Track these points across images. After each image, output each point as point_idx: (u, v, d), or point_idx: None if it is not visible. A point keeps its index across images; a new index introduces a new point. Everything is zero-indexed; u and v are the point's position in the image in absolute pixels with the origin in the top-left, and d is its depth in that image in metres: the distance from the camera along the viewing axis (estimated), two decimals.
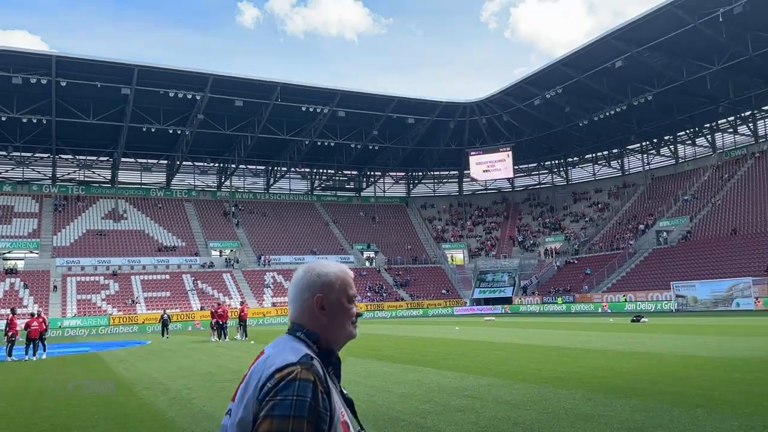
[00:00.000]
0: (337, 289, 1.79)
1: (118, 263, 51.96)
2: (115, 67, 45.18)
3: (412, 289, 58.84)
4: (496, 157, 64.82)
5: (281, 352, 1.67)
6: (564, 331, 23.32)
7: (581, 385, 9.68)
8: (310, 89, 51.68)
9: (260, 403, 1.56)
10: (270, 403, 1.54)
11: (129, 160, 61.95)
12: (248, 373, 1.68)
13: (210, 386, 11.42)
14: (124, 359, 18.85)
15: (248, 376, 1.67)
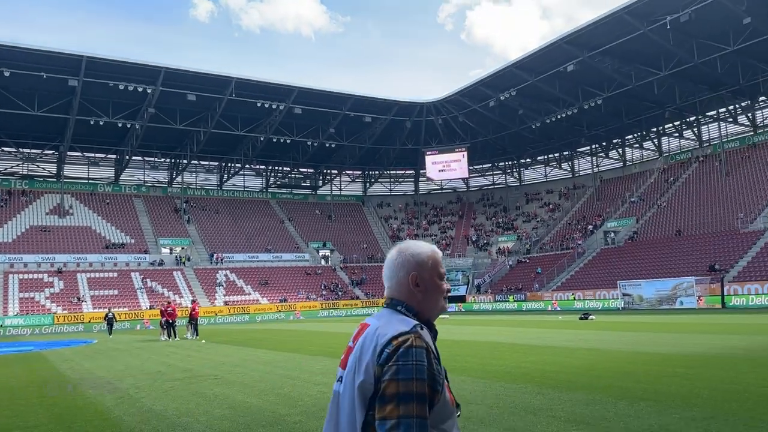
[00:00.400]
0: (429, 267, 1.99)
1: (63, 260, 50.18)
2: (63, 58, 43.60)
3: (367, 287, 58.90)
4: (451, 157, 65.51)
5: (390, 323, 1.85)
6: (515, 329, 23.78)
7: (530, 379, 9.90)
8: (266, 85, 51.03)
9: (381, 367, 1.73)
10: (393, 367, 1.71)
11: (76, 154, 59.93)
12: (357, 344, 1.86)
13: (159, 385, 11.18)
14: (69, 358, 18.25)
15: (359, 346, 1.84)
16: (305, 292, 55.21)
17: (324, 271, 60.45)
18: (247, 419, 7.60)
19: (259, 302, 52.24)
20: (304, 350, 17.41)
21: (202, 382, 11.39)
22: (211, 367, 14.04)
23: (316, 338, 22.72)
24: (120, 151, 60.34)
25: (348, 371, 1.84)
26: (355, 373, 1.80)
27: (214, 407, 8.55)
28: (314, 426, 7.04)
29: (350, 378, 1.82)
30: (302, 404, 8.49)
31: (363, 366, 1.78)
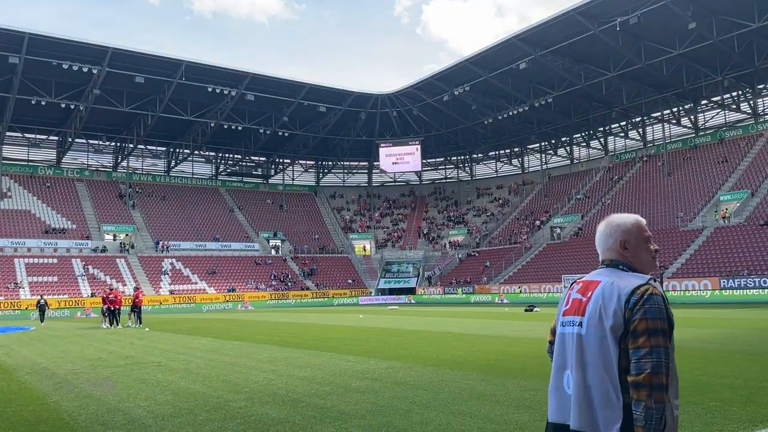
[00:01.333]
0: (634, 233, 2.41)
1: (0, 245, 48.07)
2: (3, 34, 41.55)
3: (318, 278, 58.69)
4: (405, 150, 65.82)
5: (624, 278, 2.30)
6: (462, 320, 24.17)
7: (476, 367, 10.09)
8: (217, 69, 49.96)
9: (631, 311, 2.19)
10: (641, 309, 2.18)
11: (15, 134, 57.35)
12: (595, 295, 2.30)
13: (99, 371, 10.86)
14: (4, 345, 17.52)
15: (599, 296, 2.28)
16: (254, 282, 54.57)
17: (274, 261, 59.87)
18: (191, 404, 7.48)
19: (206, 292, 51.36)
20: (250, 339, 17.24)
21: (145, 368, 11.14)
22: (154, 354, 13.74)
23: (264, 328, 22.53)
24: (62, 133, 58.09)
25: (591, 317, 2.27)
26: (601, 318, 2.24)
27: (157, 393, 8.38)
28: (260, 411, 6.99)
29: (595, 322, 2.26)
30: (248, 390, 8.41)
31: (611, 312, 2.22)
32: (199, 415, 6.82)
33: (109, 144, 62.65)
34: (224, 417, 6.71)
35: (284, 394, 8.04)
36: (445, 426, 6.06)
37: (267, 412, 6.93)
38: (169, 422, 6.51)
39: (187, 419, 6.63)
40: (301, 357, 12.24)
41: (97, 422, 6.58)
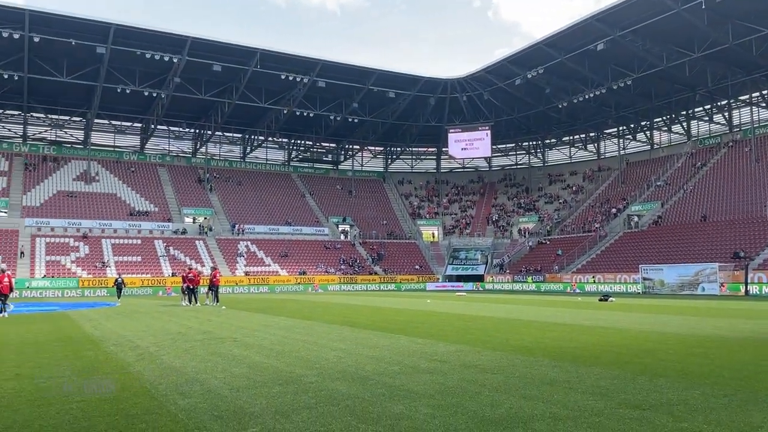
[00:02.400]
0: None
1: (88, 226, 51.14)
2: (91, 25, 43.89)
3: (385, 263, 59.10)
4: (474, 136, 64.94)
5: None
6: (533, 307, 23.71)
7: (547, 354, 9.86)
8: (290, 57, 50.87)
9: None
10: None
11: (102, 121, 60.65)
12: None
13: (179, 345, 11.37)
14: (92, 319, 18.65)
15: None
16: (324, 266, 55.60)
17: (343, 245, 60.74)
18: (265, 378, 7.70)
19: (279, 274, 52.78)
20: (321, 319, 17.57)
21: (222, 343, 11.57)
22: (230, 330, 14.25)
23: (334, 309, 22.91)
24: (145, 120, 60.95)
25: None
26: None
27: (233, 366, 8.68)
28: (330, 386, 7.11)
29: None
30: (319, 366, 8.57)
31: None
32: (272, 388, 7.02)
33: (188, 131, 65.31)
34: (296, 390, 6.87)
35: (354, 371, 8.15)
36: (517, 409, 5.95)
37: (337, 387, 7.04)
38: (243, 393, 6.72)
39: (261, 391, 6.83)
40: (370, 337, 12.37)
41: (176, 391, 6.88)
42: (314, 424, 5.40)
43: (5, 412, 5.86)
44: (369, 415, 5.74)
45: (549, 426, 5.35)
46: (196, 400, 6.38)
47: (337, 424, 5.42)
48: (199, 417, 5.67)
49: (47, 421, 5.52)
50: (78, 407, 6.07)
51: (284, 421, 5.53)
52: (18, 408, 6.02)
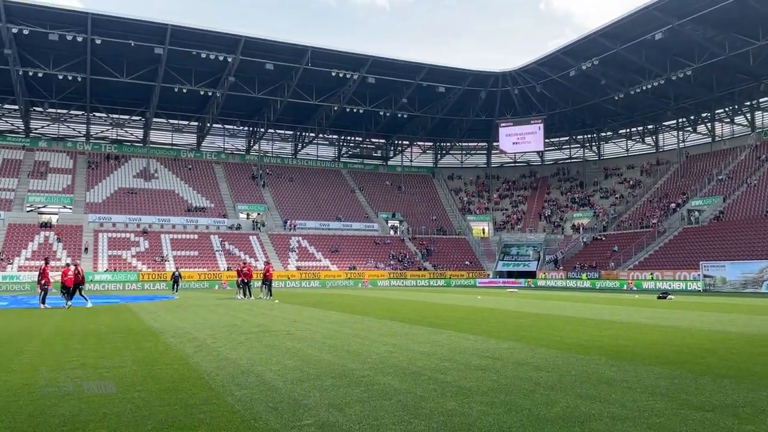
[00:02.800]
0: None
1: (148, 221, 52.96)
2: (149, 27, 45.34)
3: (435, 259, 58.90)
4: (526, 129, 63.85)
5: None
6: (588, 305, 23.17)
7: (604, 352, 9.62)
8: (340, 54, 51.26)
9: None
10: None
11: (161, 120, 62.62)
12: None
13: (234, 337, 11.65)
14: (152, 311, 19.32)
15: None
16: (373, 261, 55.85)
17: (392, 241, 60.87)
18: (318, 371, 7.80)
19: (329, 269, 53.35)
20: (372, 314, 17.66)
21: (275, 336, 11.79)
22: (283, 323, 14.50)
23: (384, 304, 22.99)
24: (201, 118, 62.60)
25: None
26: None
27: (286, 359, 8.83)
28: (382, 380, 7.14)
29: None
30: (370, 361, 8.62)
31: None
32: (325, 381, 7.10)
33: (242, 128, 66.78)
34: (348, 384, 6.93)
35: (405, 366, 8.15)
36: (573, 408, 5.83)
37: (389, 382, 7.06)
38: (297, 386, 6.83)
39: (314, 384, 6.92)
40: (420, 333, 12.35)
41: (233, 382, 7.05)
42: (367, 418, 5.43)
43: (72, 399, 6.13)
44: (421, 410, 5.73)
45: (607, 426, 5.22)
46: (252, 392, 6.52)
47: (390, 418, 5.44)
48: (254, 408, 5.79)
49: (111, 409, 5.75)
50: (139, 396, 6.30)
51: (338, 414, 5.58)
52: (83, 396, 6.29)
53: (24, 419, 5.34)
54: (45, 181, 54.80)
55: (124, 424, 5.20)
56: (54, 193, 53.95)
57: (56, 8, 43.35)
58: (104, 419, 5.36)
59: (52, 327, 13.80)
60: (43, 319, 16.28)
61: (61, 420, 5.33)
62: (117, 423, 5.24)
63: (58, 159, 58.27)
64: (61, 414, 5.53)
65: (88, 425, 5.17)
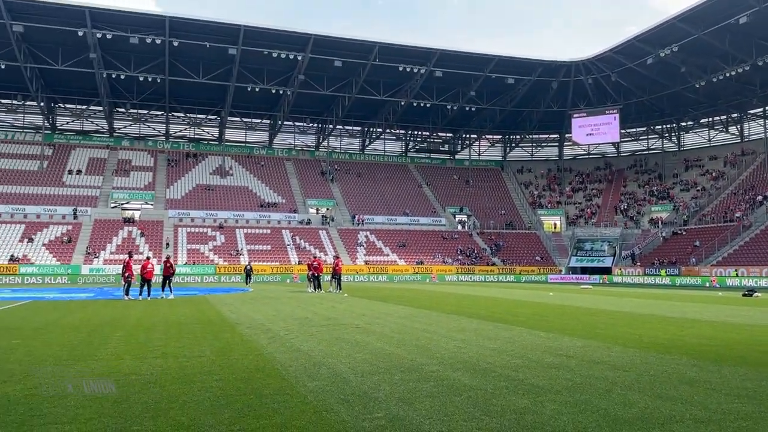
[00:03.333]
0: None
1: (224, 216, 54.89)
2: (223, 28, 46.88)
3: (504, 254, 58.02)
4: (601, 120, 61.73)
5: None
6: (668, 302, 22.20)
7: (686, 352, 9.18)
8: (407, 48, 51.27)
9: None
10: None
11: (235, 119, 64.69)
12: None
13: (306, 329, 11.90)
14: (228, 303, 20.03)
15: None
16: (441, 256, 55.63)
17: (460, 236, 60.41)
18: (387, 365, 7.85)
19: (397, 263, 53.57)
20: (440, 309, 17.60)
21: (345, 329, 11.95)
22: (353, 317, 14.69)
23: (452, 299, 22.87)
24: (273, 116, 64.22)
25: None
26: None
27: (356, 352, 8.94)
28: (451, 376, 7.10)
29: None
30: (439, 356, 8.59)
31: None
32: (394, 375, 7.14)
33: (311, 125, 68.04)
34: (418, 378, 6.94)
35: (475, 362, 8.07)
36: (652, 409, 5.60)
37: (459, 377, 7.01)
38: (368, 379, 6.90)
39: (384, 377, 6.97)
40: (490, 329, 12.20)
41: (305, 374, 7.20)
42: (437, 413, 5.42)
43: (154, 387, 6.43)
44: (492, 407, 5.66)
45: (690, 429, 4.99)
46: (324, 383, 6.64)
47: (460, 414, 5.40)
48: (326, 399, 5.89)
49: (190, 397, 5.99)
50: (217, 385, 6.53)
51: (408, 408, 5.60)
52: (164, 384, 6.59)
53: (110, 405, 5.65)
54: (128, 179, 57.80)
55: (203, 412, 5.41)
56: (136, 189, 56.84)
57: (136, 12, 45.57)
58: (184, 407, 5.59)
59: (135, 318, 14.55)
60: (127, 310, 17.19)
61: (143, 407, 5.60)
62: (196, 411, 5.46)
63: (140, 157, 61.31)
64: (143, 401, 5.82)
65: (169, 412, 5.41)
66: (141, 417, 5.25)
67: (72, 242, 47.82)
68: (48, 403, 5.67)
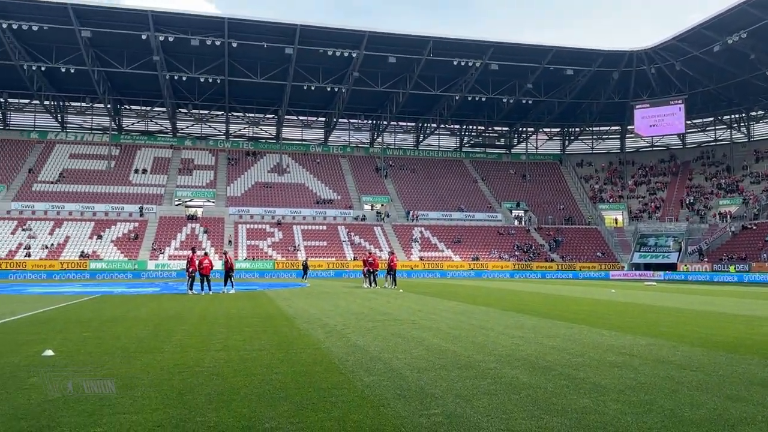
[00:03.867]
0: None
1: (281, 213, 55.96)
2: (280, 28, 47.71)
3: (563, 250, 56.76)
4: (665, 111, 59.44)
5: None
6: (737, 300, 21.20)
7: (756, 351, 8.75)
8: (462, 42, 50.79)
9: None
10: None
11: (291, 117, 65.77)
12: None
13: (362, 324, 11.99)
14: (286, 298, 20.42)
15: None
16: (497, 252, 54.93)
17: (517, 231, 59.48)
18: (443, 361, 7.82)
19: (452, 259, 53.24)
20: (496, 305, 17.39)
21: (400, 325, 11.98)
22: (408, 313, 14.70)
23: (509, 296, 22.56)
24: (328, 114, 64.92)
25: None
26: None
27: (412, 347, 8.94)
28: (510, 373, 7.00)
29: None
30: (497, 353, 8.49)
31: None
32: (451, 372, 7.09)
33: (366, 122, 68.43)
34: (476, 375, 6.87)
35: (534, 360, 7.94)
36: (722, 411, 5.36)
37: (517, 375, 6.91)
38: (424, 375, 6.88)
39: (441, 374, 6.94)
40: (549, 326, 11.97)
41: (362, 368, 7.25)
42: (495, 411, 5.35)
43: (217, 380, 6.62)
44: (553, 406, 5.55)
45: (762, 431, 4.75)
46: (381, 378, 6.67)
47: (519, 412, 5.32)
48: (383, 394, 5.92)
49: (252, 390, 6.14)
50: (277, 378, 6.67)
51: (465, 405, 5.55)
52: (227, 377, 6.78)
53: (175, 396, 5.86)
54: (191, 177, 59.71)
55: (263, 405, 5.53)
56: (199, 188, 58.66)
57: (197, 15, 46.98)
58: (245, 399, 5.73)
59: (198, 312, 15.02)
60: (191, 304, 17.77)
61: (207, 398, 5.77)
62: (257, 403, 5.59)
63: (202, 156, 63.22)
64: (207, 393, 6.00)
65: (231, 404, 5.56)
66: (204, 408, 5.42)
67: (138, 239, 49.81)
68: (117, 394, 5.93)
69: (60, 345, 9.01)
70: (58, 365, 7.37)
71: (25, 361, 7.66)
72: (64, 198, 53.11)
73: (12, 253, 45.68)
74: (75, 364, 7.49)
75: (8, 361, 7.57)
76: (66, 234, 48.97)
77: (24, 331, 10.85)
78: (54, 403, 5.54)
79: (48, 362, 7.56)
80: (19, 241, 47.25)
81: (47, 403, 5.54)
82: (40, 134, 61.93)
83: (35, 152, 59.74)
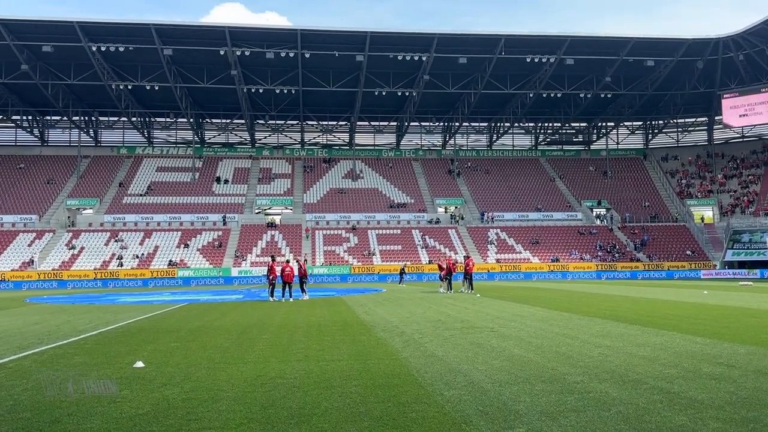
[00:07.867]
0: None
1: (356, 218, 56.60)
2: (350, 36, 48.36)
3: (649, 249, 54.24)
4: (756, 99, 55.75)
5: None
6: None
7: None
8: (535, 38, 49.73)
9: None
10: None
11: (363, 123, 66.50)
12: None
13: (440, 333, 11.83)
14: (363, 304, 20.53)
15: None
16: (578, 253, 53.17)
17: (599, 230, 57.36)
18: (526, 373, 7.54)
19: (530, 261, 52.02)
20: (579, 311, 16.74)
21: (479, 333, 11.72)
22: (486, 320, 14.40)
23: (593, 300, 21.70)
24: (399, 118, 65.15)
25: None
26: None
27: (492, 358, 8.70)
28: (597, 387, 6.66)
29: None
30: (582, 365, 8.11)
31: None
32: (535, 385, 6.82)
33: (437, 124, 68.13)
34: (561, 390, 6.57)
35: (623, 372, 7.53)
36: None
37: (606, 389, 6.56)
38: (506, 389, 6.65)
39: (524, 388, 6.69)
40: (638, 334, 11.36)
41: (441, 381, 7.11)
42: (584, 430, 5.08)
43: (297, 393, 6.67)
44: (646, 424, 5.22)
45: None
46: (461, 392, 6.51)
47: (610, 431, 5.03)
48: (464, 410, 5.76)
49: (332, 403, 6.13)
50: (356, 391, 6.64)
51: (551, 423, 5.31)
52: (307, 389, 6.81)
53: (258, 410, 5.93)
54: (269, 186, 61.52)
55: (343, 419, 5.51)
56: (277, 196, 60.35)
57: (271, 28, 48.50)
58: (326, 414, 5.73)
59: (279, 320, 15.33)
60: (272, 311, 18.19)
61: (289, 412, 5.81)
62: (337, 418, 5.57)
63: (279, 165, 65.00)
64: (289, 406, 6.05)
65: (312, 418, 5.57)
66: (286, 423, 5.45)
67: (222, 247, 51.77)
68: (203, 407, 6.07)
69: (149, 356, 9.40)
70: (147, 377, 7.67)
71: (117, 373, 8.02)
72: (152, 209, 56.02)
73: (106, 263, 48.60)
74: (163, 376, 7.77)
75: (103, 374, 7.96)
76: (155, 244, 51.59)
77: (118, 342, 11.42)
78: (144, 417, 5.74)
79: (138, 374, 7.89)
80: (111, 251, 50.22)
81: (138, 417, 5.75)
82: (128, 149, 65.67)
83: (125, 167, 63.37)
